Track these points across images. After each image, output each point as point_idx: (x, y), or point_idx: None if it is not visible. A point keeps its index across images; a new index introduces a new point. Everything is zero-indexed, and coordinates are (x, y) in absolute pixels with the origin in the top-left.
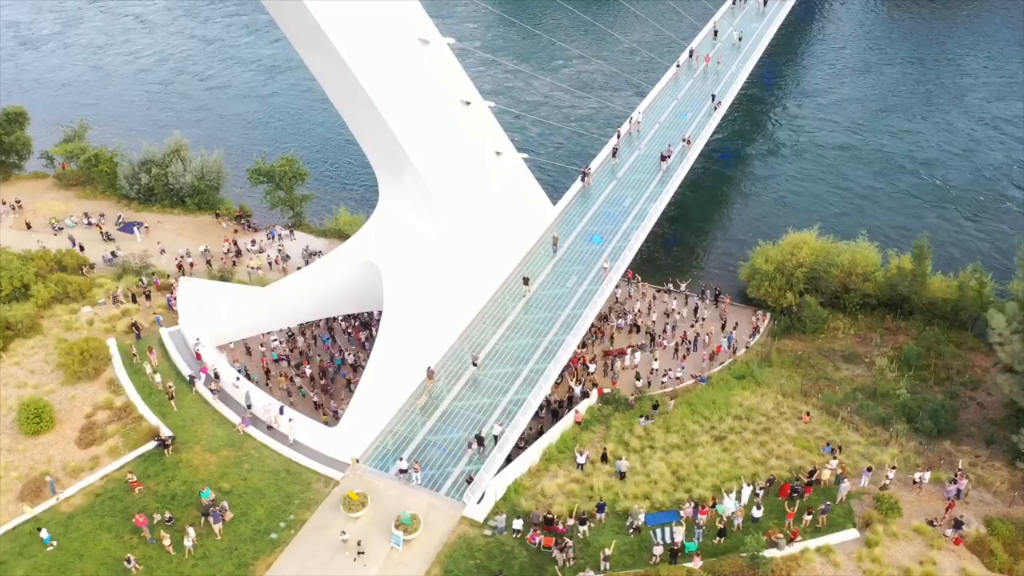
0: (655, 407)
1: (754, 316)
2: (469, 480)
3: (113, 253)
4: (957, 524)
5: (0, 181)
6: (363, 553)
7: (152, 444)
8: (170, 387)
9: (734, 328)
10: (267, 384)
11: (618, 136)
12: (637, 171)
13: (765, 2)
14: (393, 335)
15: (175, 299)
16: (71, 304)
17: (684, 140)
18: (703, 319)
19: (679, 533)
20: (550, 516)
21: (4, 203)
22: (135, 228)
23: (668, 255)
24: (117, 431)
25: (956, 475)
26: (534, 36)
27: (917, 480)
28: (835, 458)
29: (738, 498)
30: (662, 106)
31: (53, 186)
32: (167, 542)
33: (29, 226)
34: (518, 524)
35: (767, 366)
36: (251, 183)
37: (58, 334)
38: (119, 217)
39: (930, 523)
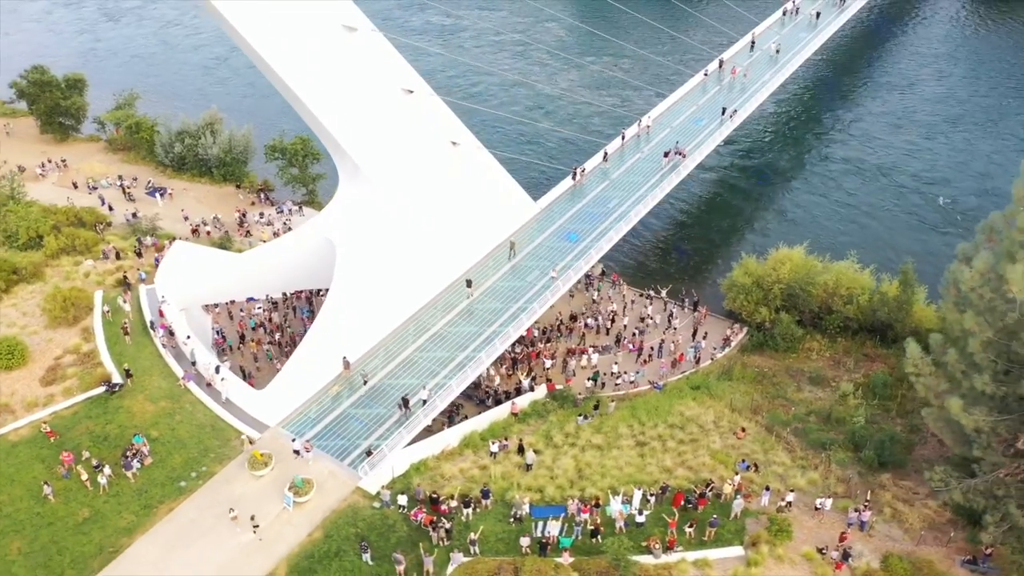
0: (596, 407)
1: (729, 329)
2: (368, 453)
3: (134, 214)
4: (845, 555)
5: (58, 141)
6: (257, 526)
7: (102, 388)
8: (125, 323)
9: (703, 338)
10: (239, 347)
11: (622, 138)
12: (634, 173)
13: (818, 15)
14: (335, 309)
15: (162, 259)
16: (76, 257)
17: (677, 152)
18: (675, 327)
19: (554, 528)
20: (436, 496)
21: (51, 161)
22: (158, 193)
23: (666, 261)
24: (76, 374)
25: (862, 505)
26: (568, 25)
27: (819, 506)
28: (737, 474)
29: (628, 502)
30: (679, 111)
31: (103, 149)
32: (84, 477)
33: (76, 186)
34: (403, 500)
35: (727, 379)
36: (266, 159)
37: (57, 283)
38: (148, 182)
39: (820, 550)
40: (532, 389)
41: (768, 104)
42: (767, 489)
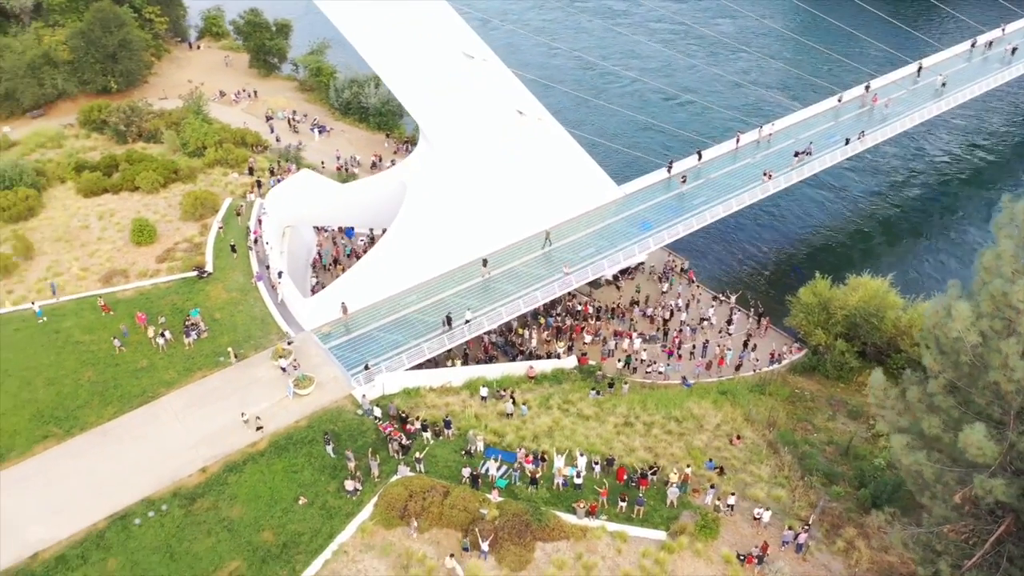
0: (611, 385)
1: (786, 345)
2: (366, 367)
3: (299, 145)
4: (760, 559)
5: (262, 76)
6: (262, 427)
7: (194, 272)
8: (220, 227)
9: (752, 349)
10: (331, 268)
11: (737, 140)
12: (735, 177)
13: (1014, 50)
14: (389, 243)
15: (278, 179)
16: (226, 168)
17: (807, 152)
18: (730, 332)
19: (492, 467)
20: (405, 415)
21: (244, 91)
22: (318, 130)
23: (756, 270)
24: (182, 258)
25: (802, 528)
26: (740, 23)
27: (756, 516)
28: (689, 467)
29: (571, 464)
30: (812, 124)
31: (295, 88)
32: (151, 334)
33: (269, 118)
34: (377, 412)
35: (759, 392)
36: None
37: (203, 186)
38: (314, 120)
39: (739, 556)
40: (559, 357)
41: (935, 132)
42: (712, 487)
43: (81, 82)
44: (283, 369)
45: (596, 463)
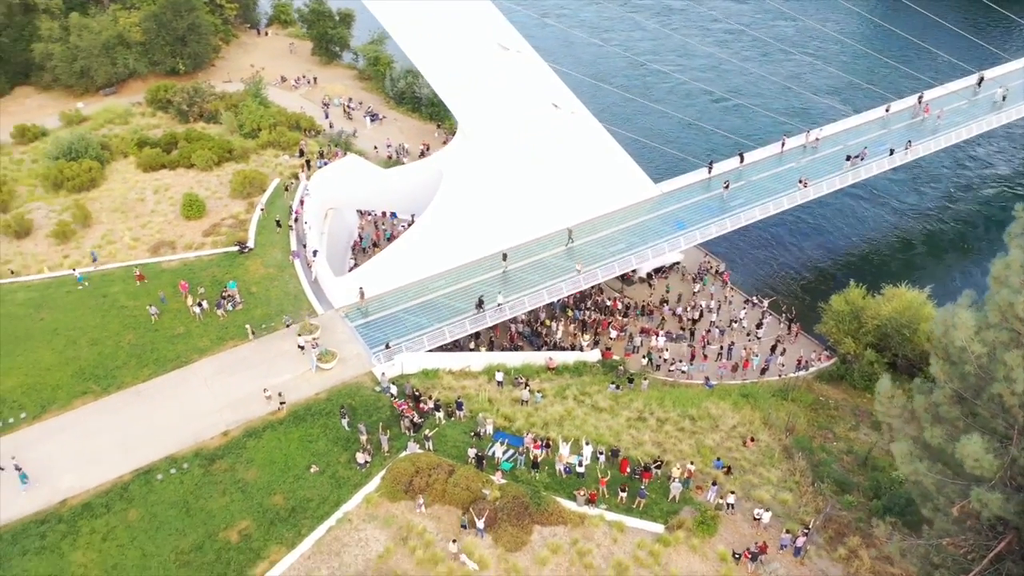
0: (630, 381)
1: (815, 352)
2: (386, 346)
3: (353, 132)
4: (755, 556)
5: (323, 63)
6: (284, 403)
7: (235, 247)
8: (262, 209)
9: (780, 353)
10: (371, 250)
11: (782, 144)
12: (777, 181)
13: None
14: (425, 227)
15: (325, 163)
16: (278, 150)
17: (860, 156)
18: (759, 336)
19: (499, 451)
20: (418, 394)
21: (304, 77)
22: (371, 117)
23: (791, 274)
24: (226, 233)
25: (801, 532)
26: (801, 24)
27: (756, 516)
28: (693, 463)
29: (577, 453)
30: (862, 131)
31: (353, 76)
32: (190, 302)
33: (326, 104)
34: (393, 389)
35: (781, 397)
36: None
37: (255, 166)
38: (368, 107)
39: (735, 555)
40: (582, 350)
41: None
42: (714, 484)
43: (151, 63)
44: (300, 347)
45: (601, 453)
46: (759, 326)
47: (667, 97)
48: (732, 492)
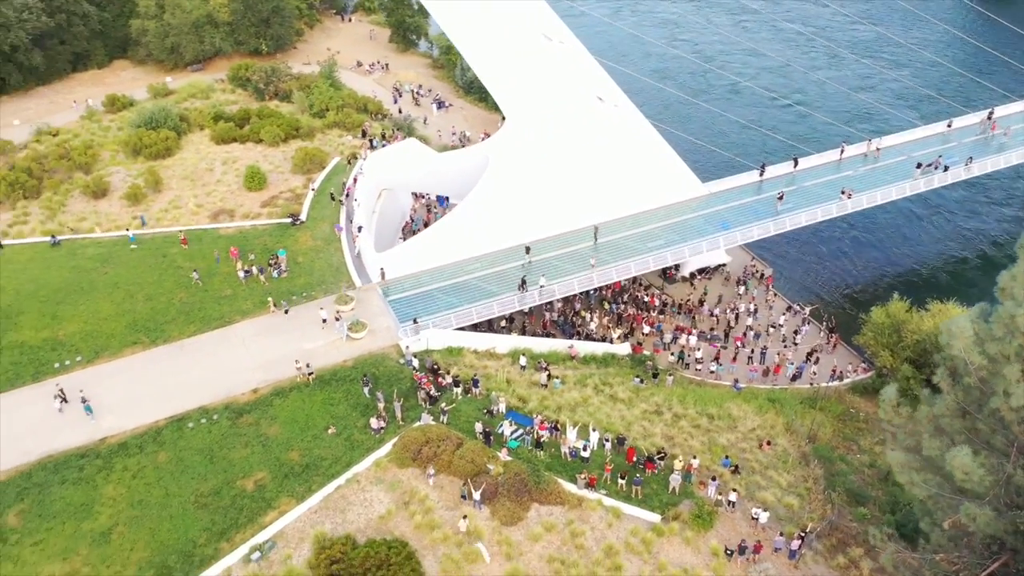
0: (655, 376)
1: (852, 364)
2: (414, 321)
3: (408, 116)
4: (742, 549)
5: (400, 51)
6: (312, 374)
7: (288, 219)
8: (313, 188)
9: (814, 362)
10: (417, 232)
11: (841, 151)
12: (831, 188)
13: None
14: (467, 210)
15: (385, 144)
16: (342, 131)
17: (933, 165)
18: (796, 343)
19: (507, 428)
20: (437, 368)
21: (378, 62)
22: (437, 105)
23: (838, 283)
24: (282, 205)
25: (798, 534)
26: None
27: (754, 516)
28: (695, 458)
29: (584, 438)
30: (926, 143)
31: (427, 64)
32: (239, 266)
33: (397, 89)
34: (415, 363)
35: (809, 406)
36: None
37: (318, 144)
38: (436, 95)
39: (727, 551)
40: (611, 342)
41: None
42: (714, 480)
43: (236, 42)
44: (323, 320)
45: (607, 440)
46: (796, 332)
47: (729, 96)
48: (735, 490)
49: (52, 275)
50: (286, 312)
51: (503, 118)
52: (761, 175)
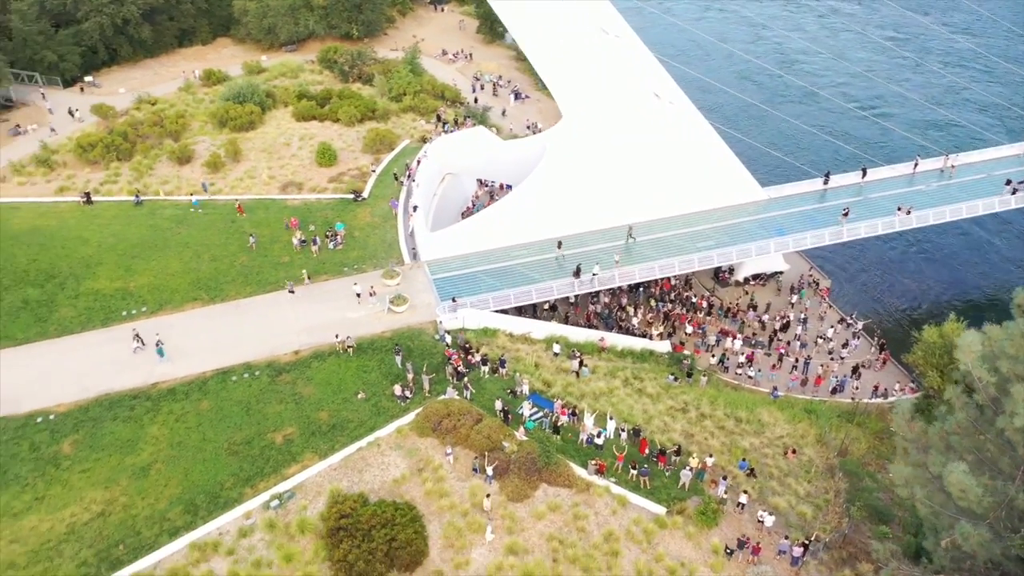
0: (689, 375)
1: (900, 383)
2: (453, 300)
3: (484, 105)
4: (741, 544)
5: (486, 42)
6: (352, 347)
7: (351, 195)
8: (373, 169)
9: (857, 377)
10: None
11: (915, 165)
12: (897, 201)
13: None
14: (519, 198)
15: (454, 130)
16: (416, 115)
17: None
18: (843, 356)
19: (526, 409)
20: (468, 346)
21: (463, 51)
22: (513, 95)
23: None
24: (347, 181)
25: (807, 539)
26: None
27: (760, 519)
28: (711, 456)
29: (602, 426)
30: (1006, 163)
31: (511, 56)
32: (297, 236)
33: (477, 79)
34: (448, 339)
35: (847, 419)
36: None
37: (392, 126)
38: (515, 87)
39: (727, 549)
40: (650, 338)
41: None
42: (724, 479)
43: (329, 26)
44: (357, 295)
45: (623, 430)
46: (845, 346)
47: (805, 101)
48: (745, 492)
49: (131, 231)
50: (291, 292)
51: None
52: (825, 184)
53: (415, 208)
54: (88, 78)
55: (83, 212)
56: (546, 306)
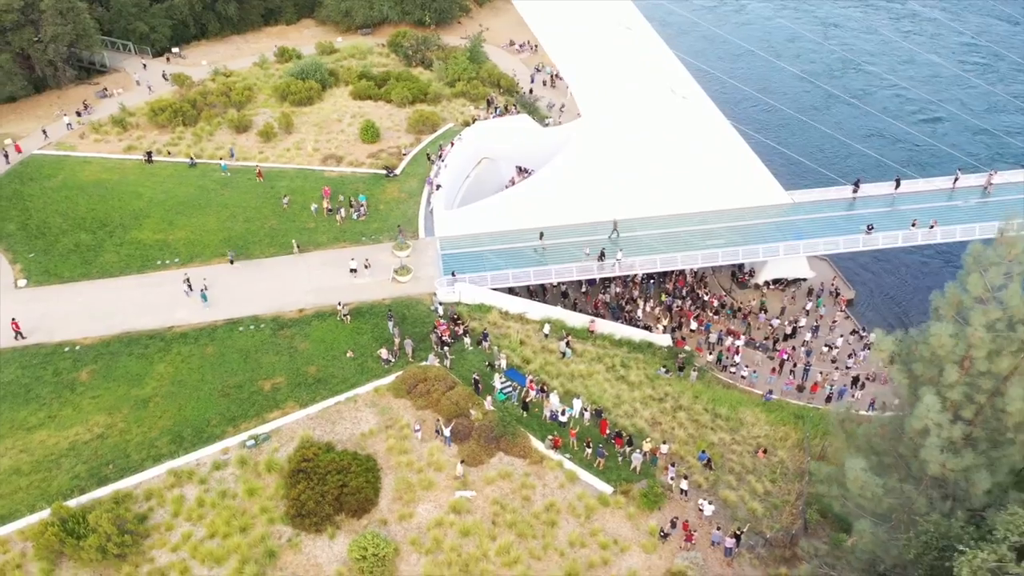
0: (680, 369)
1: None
2: (452, 274)
3: (537, 96)
4: (672, 528)
5: None
6: (348, 316)
7: (383, 171)
8: (404, 152)
9: (859, 387)
10: None
11: (955, 180)
12: (920, 215)
13: None
14: (537, 183)
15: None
16: (466, 100)
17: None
18: (848, 366)
19: (498, 382)
20: (456, 318)
21: (528, 42)
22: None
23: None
24: (384, 158)
25: (737, 532)
26: None
27: (700, 507)
28: (666, 443)
29: (567, 404)
30: None
31: None
32: (325, 204)
33: (538, 70)
34: (440, 311)
35: (839, 428)
36: None
37: (440, 109)
38: None
39: (662, 532)
40: (650, 330)
41: None
42: (672, 465)
43: (403, 12)
44: (352, 270)
45: (586, 410)
46: (851, 356)
47: (858, 103)
48: (685, 477)
49: (181, 190)
50: (231, 262)
51: None
52: (855, 192)
53: (438, 187)
54: (175, 49)
55: (143, 170)
56: (559, 291)
